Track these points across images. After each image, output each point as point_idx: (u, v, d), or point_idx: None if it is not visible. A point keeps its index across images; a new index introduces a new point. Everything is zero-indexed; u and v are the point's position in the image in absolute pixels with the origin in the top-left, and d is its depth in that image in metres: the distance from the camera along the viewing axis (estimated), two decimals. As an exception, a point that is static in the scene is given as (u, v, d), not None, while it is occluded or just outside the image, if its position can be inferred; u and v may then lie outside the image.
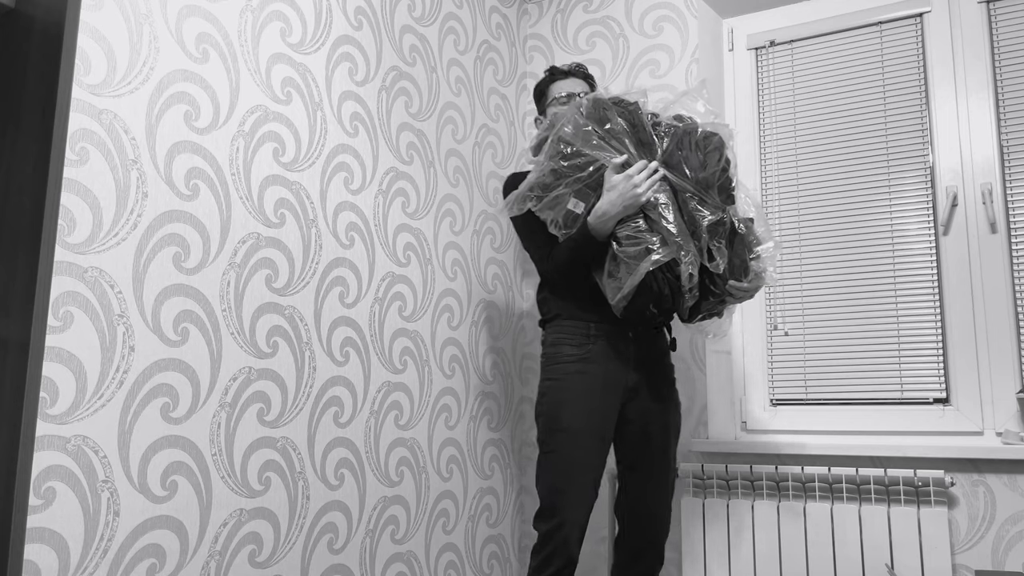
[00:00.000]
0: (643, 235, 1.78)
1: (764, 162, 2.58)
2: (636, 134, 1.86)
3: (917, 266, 2.31)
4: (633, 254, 1.77)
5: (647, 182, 1.78)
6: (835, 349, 2.38)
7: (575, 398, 1.89)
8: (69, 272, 1.41)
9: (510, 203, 1.91)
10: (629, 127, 1.86)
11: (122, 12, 1.54)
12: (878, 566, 2.06)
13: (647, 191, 1.78)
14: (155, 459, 1.53)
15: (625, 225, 1.80)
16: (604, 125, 1.85)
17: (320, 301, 1.93)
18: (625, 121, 1.86)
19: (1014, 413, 2.12)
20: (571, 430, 1.87)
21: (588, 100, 1.86)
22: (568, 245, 1.88)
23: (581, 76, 2.17)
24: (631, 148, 1.84)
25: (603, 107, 1.85)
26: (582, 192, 1.84)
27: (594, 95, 1.87)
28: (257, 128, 1.82)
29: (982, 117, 2.28)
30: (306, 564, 1.82)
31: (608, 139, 1.84)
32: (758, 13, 2.66)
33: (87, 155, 1.46)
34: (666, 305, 1.79)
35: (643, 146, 1.86)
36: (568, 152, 1.84)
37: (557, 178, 1.85)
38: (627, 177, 1.78)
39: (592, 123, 1.84)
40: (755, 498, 2.24)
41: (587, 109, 1.85)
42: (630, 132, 1.86)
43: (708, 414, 2.41)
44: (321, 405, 1.90)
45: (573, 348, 1.93)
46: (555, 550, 1.84)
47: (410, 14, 2.34)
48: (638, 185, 1.77)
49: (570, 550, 1.84)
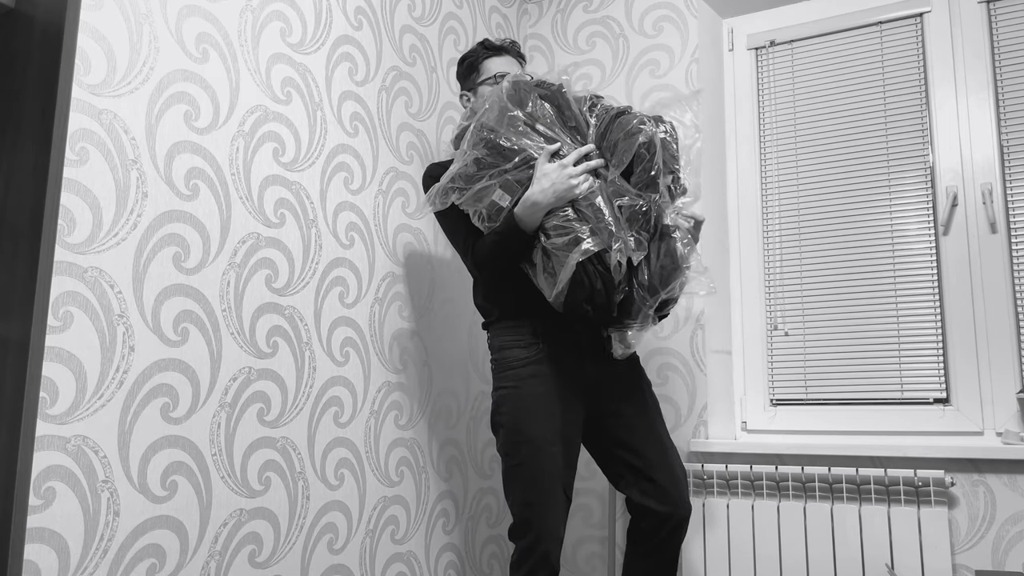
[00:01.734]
0: (572, 224, 1.66)
1: (764, 162, 2.58)
2: (563, 119, 1.75)
3: (917, 266, 2.31)
4: (562, 245, 1.65)
5: (582, 172, 1.68)
6: (835, 349, 2.38)
7: (534, 405, 1.78)
8: (69, 272, 1.41)
9: (431, 197, 1.78)
10: (555, 111, 1.75)
11: (122, 12, 1.54)
12: (878, 566, 2.06)
13: (582, 182, 1.67)
14: (155, 459, 1.53)
15: (553, 215, 1.68)
16: (527, 109, 1.72)
17: (320, 301, 1.93)
18: (551, 105, 1.75)
19: (1014, 413, 2.12)
20: (535, 440, 1.76)
21: (509, 83, 1.74)
22: (492, 238, 1.76)
23: (515, 54, 2.07)
24: (562, 134, 1.73)
25: (525, 90, 1.74)
26: (508, 184, 1.71)
27: (514, 77, 1.75)
28: (257, 128, 1.82)
29: (982, 117, 2.28)
30: (306, 564, 1.82)
31: (533, 124, 1.72)
32: (758, 13, 2.66)
33: (87, 155, 1.46)
34: (599, 300, 1.67)
35: (572, 131, 1.75)
36: (492, 140, 1.71)
37: (480, 168, 1.72)
38: (561, 166, 1.67)
39: (516, 108, 1.72)
40: (755, 498, 2.24)
41: (509, 93, 1.73)
42: (556, 117, 1.74)
43: (708, 414, 2.41)
44: (321, 405, 1.90)
45: (522, 350, 1.81)
46: (536, 565, 1.75)
47: (410, 14, 2.34)
48: (573, 175, 1.66)
49: (551, 563, 1.76)
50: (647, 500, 1.84)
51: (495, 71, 2.01)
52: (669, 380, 2.45)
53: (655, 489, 1.83)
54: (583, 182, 1.67)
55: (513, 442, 1.79)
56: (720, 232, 2.57)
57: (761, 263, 2.53)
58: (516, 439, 1.79)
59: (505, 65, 2.03)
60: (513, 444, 1.79)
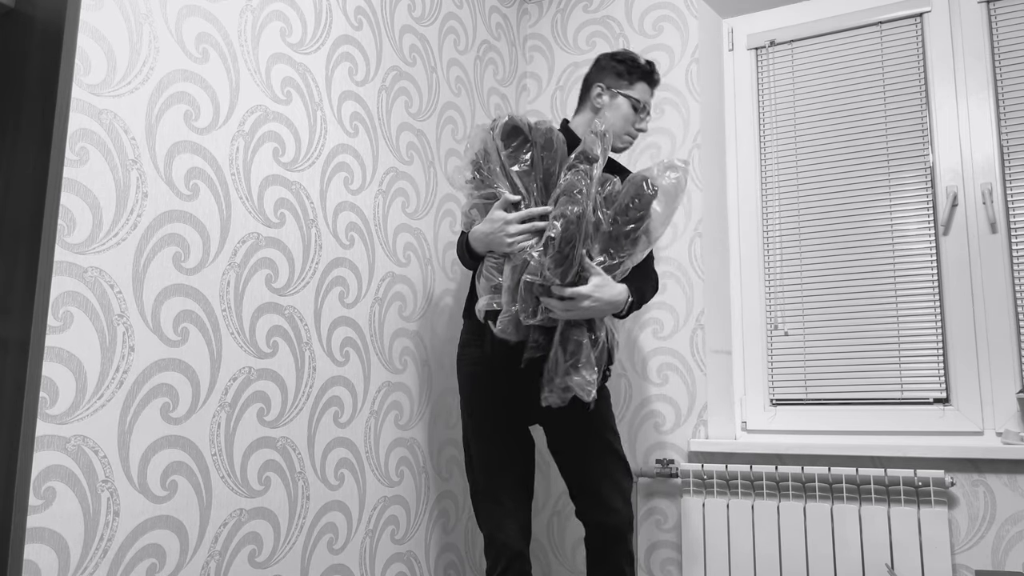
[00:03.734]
0: (496, 275, 1.79)
1: (764, 162, 2.58)
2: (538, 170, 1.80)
3: (917, 266, 2.31)
4: (482, 286, 1.80)
5: (522, 235, 1.74)
6: (835, 349, 2.38)
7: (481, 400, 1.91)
8: (69, 272, 1.41)
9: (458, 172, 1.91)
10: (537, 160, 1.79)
11: (122, 12, 1.54)
12: (878, 566, 2.06)
13: (516, 244, 1.74)
14: (155, 459, 1.53)
15: (490, 256, 1.81)
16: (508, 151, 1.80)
17: (320, 301, 1.93)
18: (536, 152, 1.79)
19: (1014, 413, 2.12)
20: (484, 431, 1.91)
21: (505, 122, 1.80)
22: (459, 241, 1.95)
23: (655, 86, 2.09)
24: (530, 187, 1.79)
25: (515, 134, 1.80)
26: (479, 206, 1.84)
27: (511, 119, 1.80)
28: (257, 128, 1.82)
29: (982, 117, 2.28)
30: (306, 564, 1.82)
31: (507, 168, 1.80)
32: (758, 13, 2.66)
33: (87, 155, 1.46)
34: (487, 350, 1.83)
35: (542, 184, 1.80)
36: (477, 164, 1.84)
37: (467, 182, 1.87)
38: (505, 221, 1.75)
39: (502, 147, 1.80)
40: (755, 498, 2.24)
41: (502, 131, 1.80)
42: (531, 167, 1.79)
43: (708, 414, 2.41)
44: (321, 405, 1.90)
45: (476, 349, 1.93)
46: (500, 548, 1.87)
47: (410, 14, 2.34)
48: (511, 234, 1.74)
49: (512, 545, 1.86)
50: (583, 511, 1.92)
51: (644, 97, 2.02)
52: (669, 380, 2.45)
53: (586, 500, 1.90)
54: (517, 241, 1.74)
55: (464, 435, 1.97)
56: (720, 232, 2.57)
57: (761, 263, 2.53)
58: (466, 432, 1.96)
59: (651, 96, 2.04)
60: (465, 438, 1.97)
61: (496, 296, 1.77)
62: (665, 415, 2.45)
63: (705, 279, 2.45)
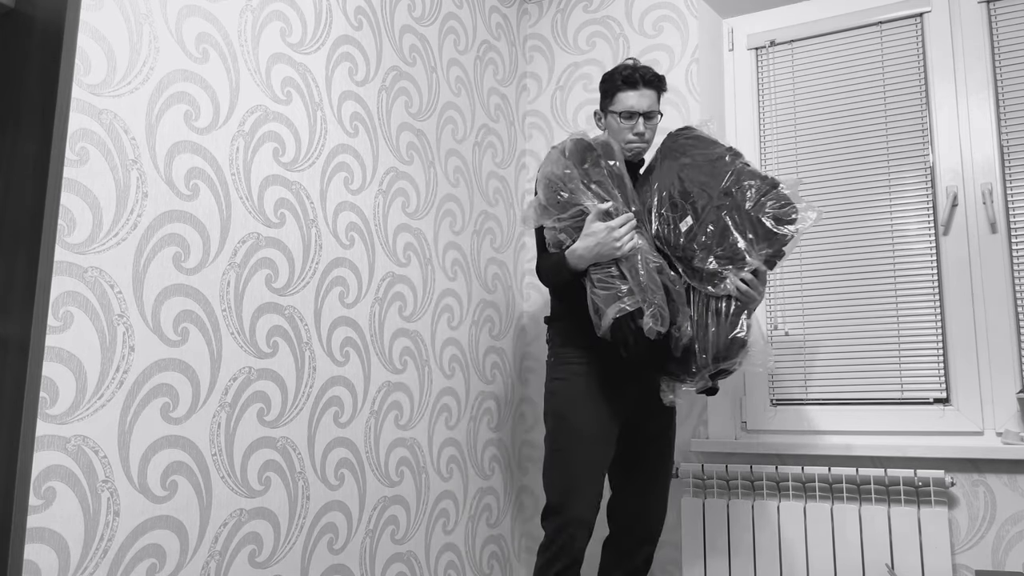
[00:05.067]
0: (613, 281, 1.79)
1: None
2: (621, 179, 1.85)
3: (917, 266, 2.31)
4: (603, 298, 1.78)
5: (627, 236, 1.78)
6: (835, 349, 2.38)
7: (583, 398, 1.91)
8: (69, 272, 1.41)
9: (527, 216, 1.94)
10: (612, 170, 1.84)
11: (122, 12, 1.54)
12: (878, 566, 2.06)
13: (626, 246, 1.77)
14: (155, 459, 1.53)
15: (598, 268, 1.81)
16: (584, 166, 1.84)
17: (320, 301, 1.93)
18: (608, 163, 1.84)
19: (1014, 413, 2.12)
20: (577, 429, 1.90)
21: (572, 141, 1.85)
22: (548, 263, 1.92)
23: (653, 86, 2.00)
24: (615, 193, 1.83)
25: (585, 148, 1.84)
26: (567, 229, 1.86)
27: (579, 139, 1.85)
28: (257, 128, 1.82)
29: (982, 117, 2.28)
30: (306, 564, 1.82)
31: (588, 183, 1.83)
32: (758, 13, 2.66)
33: (87, 155, 1.46)
34: (632, 352, 1.79)
35: (627, 192, 1.85)
36: (551, 192, 1.86)
37: (543, 213, 1.89)
38: (608, 229, 1.77)
39: (575, 165, 1.83)
40: (755, 498, 2.24)
41: (570, 150, 1.84)
42: (615, 176, 1.84)
43: (708, 414, 2.41)
44: (321, 405, 1.90)
45: (580, 350, 1.95)
46: (560, 549, 1.86)
47: (410, 14, 2.34)
48: (619, 239, 1.77)
49: (575, 548, 1.86)
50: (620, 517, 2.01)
51: (625, 106, 1.98)
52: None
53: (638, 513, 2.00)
54: (627, 244, 1.77)
55: (558, 429, 1.94)
56: (720, 232, 2.57)
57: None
58: (561, 426, 1.93)
59: (639, 100, 1.97)
60: (557, 431, 1.94)
61: (622, 301, 1.76)
62: (665, 415, 2.45)
63: (705, 279, 2.45)
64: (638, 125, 1.98)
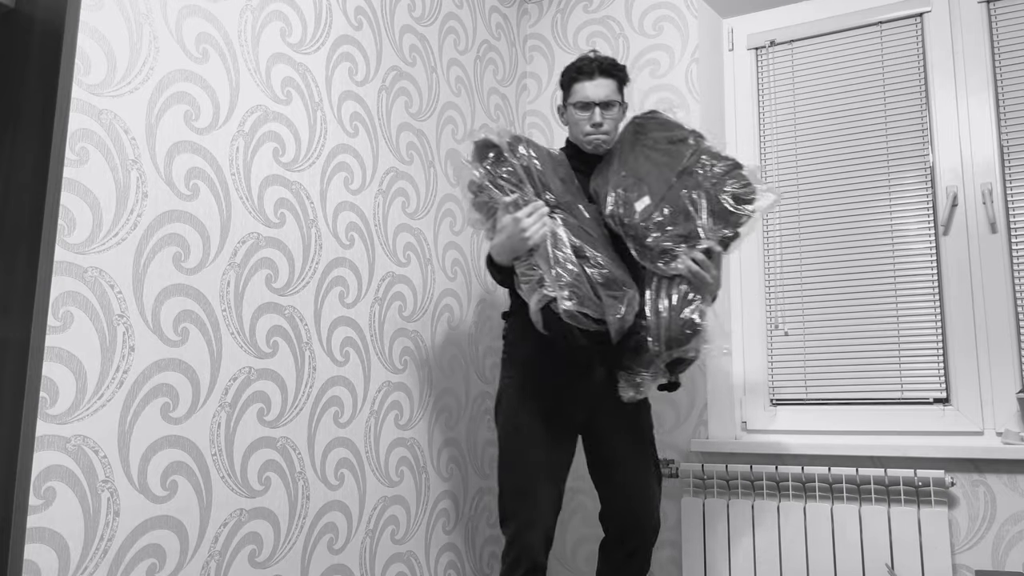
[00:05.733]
0: (534, 272, 1.76)
1: (764, 162, 2.58)
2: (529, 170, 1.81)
3: (917, 266, 2.31)
4: (526, 291, 1.76)
5: (536, 224, 1.73)
6: (835, 349, 2.38)
7: (532, 398, 1.85)
8: (69, 272, 1.41)
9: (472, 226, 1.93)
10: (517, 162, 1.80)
11: (122, 12, 1.54)
12: (878, 566, 2.06)
13: (535, 235, 1.72)
14: (155, 459, 1.53)
15: (520, 262, 1.77)
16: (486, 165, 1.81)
17: (320, 301, 1.93)
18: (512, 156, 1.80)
19: (1014, 413, 2.12)
20: (525, 433, 1.83)
21: (475, 145, 1.83)
22: (486, 259, 1.89)
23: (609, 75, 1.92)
24: (525, 186, 1.79)
25: (486, 147, 1.82)
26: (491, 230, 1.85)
27: (478, 140, 1.82)
28: (257, 128, 1.82)
29: (982, 117, 2.28)
30: (306, 564, 1.82)
31: (494, 179, 1.79)
32: (758, 13, 2.66)
33: (87, 155, 1.46)
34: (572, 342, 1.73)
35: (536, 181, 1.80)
36: (474, 200, 1.84)
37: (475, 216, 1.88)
38: (515, 220, 1.73)
39: (478, 167, 1.81)
40: (755, 498, 2.24)
41: (473, 153, 1.83)
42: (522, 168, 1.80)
43: (708, 414, 2.41)
44: (321, 405, 1.90)
45: (530, 346, 1.86)
46: (518, 556, 1.80)
47: (410, 14, 2.34)
48: (526, 228, 1.72)
49: (532, 555, 1.80)
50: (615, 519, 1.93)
51: (581, 97, 1.91)
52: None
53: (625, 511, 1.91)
54: (535, 232, 1.72)
55: (505, 432, 1.87)
56: (720, 232, 2.57)
57: (761, 263, 2.53)
58: (508, 430, 1.87)
59: (595, 90, 1.90)
60: (505, 435, 1.86)
61: (543, 289, 1.72)
62: (665, 415, 2.45)
63: (705, 279, 2.45)
64: (595, 116, 1.89)
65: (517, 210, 1.76)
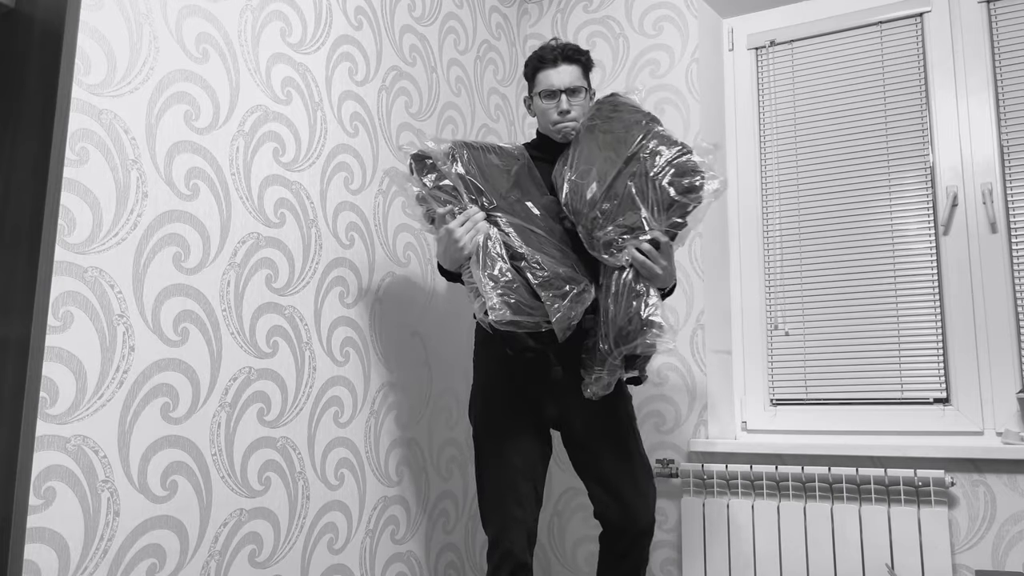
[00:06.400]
0: (471, 283, 1.75)
1: (764, 162, 2.58)
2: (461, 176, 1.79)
3: (917, 266, 2.31)
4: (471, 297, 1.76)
5: (468, 234, 1.71)
6: (835, 349, 2.38)
7: (500, 400, 1.84)
8: (69, 272, 1.41)
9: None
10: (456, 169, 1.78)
11: (122, 12, 1.54)
12: (878, 566, 2.06)
13: (468, 245, 1.71)
14: (155, 459, 1.53)
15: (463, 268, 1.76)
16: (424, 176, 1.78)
17: (320, 301, 1.93)
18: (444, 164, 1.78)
19: (1014, 413, 2.12)
20: (497, 434, 1.83)
21: (410, 159, 1.80)
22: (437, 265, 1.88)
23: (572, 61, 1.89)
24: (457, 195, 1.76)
25: (422, 158, 1.80)
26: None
27: (413, 152, 1.81)
28: (257, 128, 1.82)
29: (982, 117, 2.28)
30: (306, 564, 1.82)
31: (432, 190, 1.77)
32: (758, 13, 2.66)
33: (87, 155, 1.46)
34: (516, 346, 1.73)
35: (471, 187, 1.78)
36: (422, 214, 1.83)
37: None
38: (448, 232, 1.72)
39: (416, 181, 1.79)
40: (755, 498, 2.24)
41: (410, 166, 1.80)
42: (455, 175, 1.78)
43: (708, 414, 2.41)
44: (321, 405, 1.90)
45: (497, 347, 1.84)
46: (504, 555, 1.79)
47: (410, 14, 2.34)
48: (459, 239, 1.71)
49: (518, 555, 1.78)
50: (606, 513, 1.86)
51: (545, 85, 1.89)
52: (669, 380, 2.45)
53: (613, 503, 1.85)
54: (467, 242, 1.71)
55: (477, 434, 1.87)
56: (720, 232, 2.57)
57: (761, 263, 2.53)
58: (479, 431, 1.87)
59: (559, 77, 1.88)
60: (477, 436, 1.87)
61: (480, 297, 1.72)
62: (665, 415, 2.45)
63: (705, 279, 2.45)
64: (561, 103, 1.87)
65: (452, 220, 1.74)
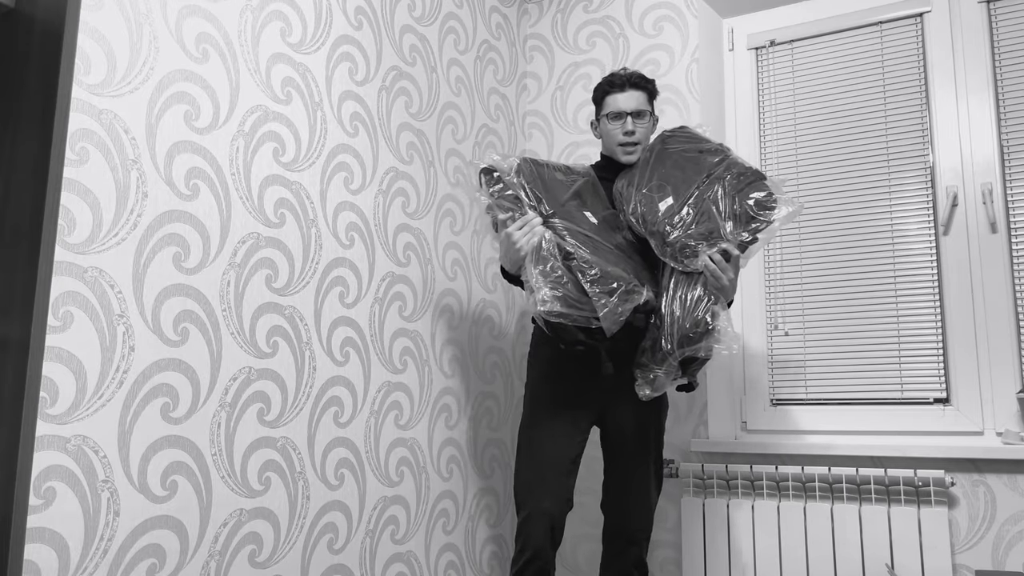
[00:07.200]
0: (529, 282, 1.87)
1: (764, 162, 2.58)
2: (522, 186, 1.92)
3: (917, 266, 2.31)
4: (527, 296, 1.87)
5: (526, 237, 1.84)
6: (835, 349, 2.38)
7: (549, 393, 1.96)
8: (69, 272, 1.41)
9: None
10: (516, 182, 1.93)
11: (122, 12, 1.54)
12: (878, 566, 2.06)
13: (524, 247, 1.83)
14: (155, 459, 1.53)
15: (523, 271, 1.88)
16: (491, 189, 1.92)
17: (320, 301, 1.93)
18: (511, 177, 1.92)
19: (1014, 413, 2.12)
20: (541, 425, 1.94)
21: (479, 172, 1.94)
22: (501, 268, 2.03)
23: (639, 87, 2.04)
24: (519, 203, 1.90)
25: (489, 173, 1.94)
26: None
27: (483, 168, 1.94)
28: (257, 128, 1.82)
29: (982, 117, 2.28)
30: (306, 564, 1.82)
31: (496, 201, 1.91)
32: (758, 13, 2.66)
33: (87, 155, 1.46)
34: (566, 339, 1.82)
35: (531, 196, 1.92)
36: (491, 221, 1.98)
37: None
38: (507, 236, 1.86)
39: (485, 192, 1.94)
40: (755, 498, 2.24)
41: (480, 180, 1.94)
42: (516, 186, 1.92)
43: (708, 414, 2.41)
44: (321, 405, 1.90)
45: (550, 349, 1.98)
46: (524, 542, 1.90)
47: (410, 14, 2.34)
48: (516, 242, 1.84)
49: (536, 541, 1.88)
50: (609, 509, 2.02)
51: (613, 108, 2.04)
52: (669, 380, 2.45)
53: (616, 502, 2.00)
54: (524, 245, 1.83)
55: (522, 427, 2.00)
56: (720, 232, 2.57)
57: (761, 263, 2.53)
58: (524, 424, 1.99)
59: (626, 101, 2.02)
60: (521, 429, 2.00)
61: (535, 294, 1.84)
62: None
63: (705, 279, 2.45)
64: (627, 124, 2.01)
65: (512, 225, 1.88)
